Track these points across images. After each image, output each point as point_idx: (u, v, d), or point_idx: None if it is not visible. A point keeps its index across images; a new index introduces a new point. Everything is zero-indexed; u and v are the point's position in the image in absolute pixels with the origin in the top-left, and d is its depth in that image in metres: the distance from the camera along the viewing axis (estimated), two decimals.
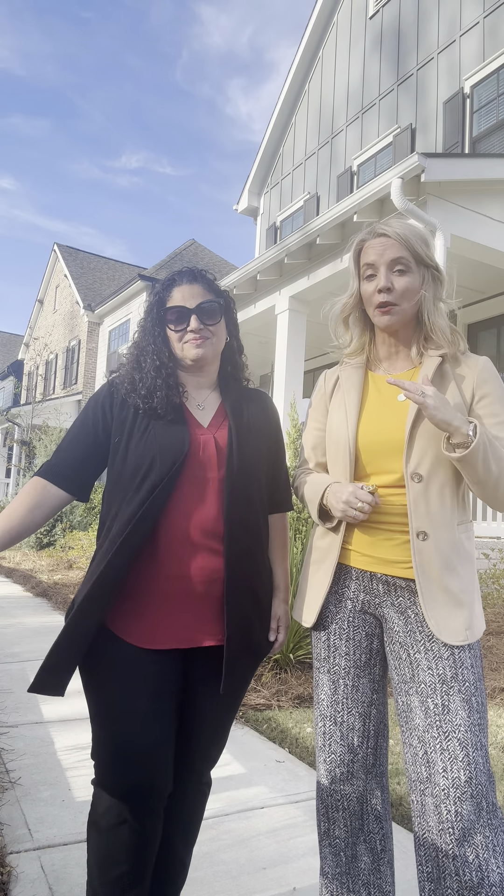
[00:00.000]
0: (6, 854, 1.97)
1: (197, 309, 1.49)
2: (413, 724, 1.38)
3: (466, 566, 1.43)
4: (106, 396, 1.52)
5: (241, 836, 2.13)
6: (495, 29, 8.84)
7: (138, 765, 1.37)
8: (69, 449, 1.50)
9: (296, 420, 5.25)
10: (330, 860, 1.52)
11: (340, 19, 11.91)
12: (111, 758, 1.38)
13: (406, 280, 1.47)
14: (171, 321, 1.51)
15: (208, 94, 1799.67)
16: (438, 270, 1.51)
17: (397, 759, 2.79)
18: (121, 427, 1.48)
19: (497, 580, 5.68)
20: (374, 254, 1.49)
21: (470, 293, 8.03)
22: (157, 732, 1.39)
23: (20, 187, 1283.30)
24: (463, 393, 1.46)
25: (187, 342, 1.50)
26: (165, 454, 1.41)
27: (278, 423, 1.66)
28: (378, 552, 1.46)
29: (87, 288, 22.70)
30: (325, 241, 6.70)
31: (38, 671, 1.37)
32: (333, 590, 1.53)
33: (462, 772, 1.30)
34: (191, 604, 1.42)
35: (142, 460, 1.42)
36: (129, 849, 1.37)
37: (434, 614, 1.38)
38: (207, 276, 1.56)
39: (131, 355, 1.56)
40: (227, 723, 1.54)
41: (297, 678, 3.77)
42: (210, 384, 1.59)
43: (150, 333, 1.54)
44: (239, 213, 14.46)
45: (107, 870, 1.38)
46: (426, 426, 1.42)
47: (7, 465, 19.02)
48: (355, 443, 1.49)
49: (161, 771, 1.40)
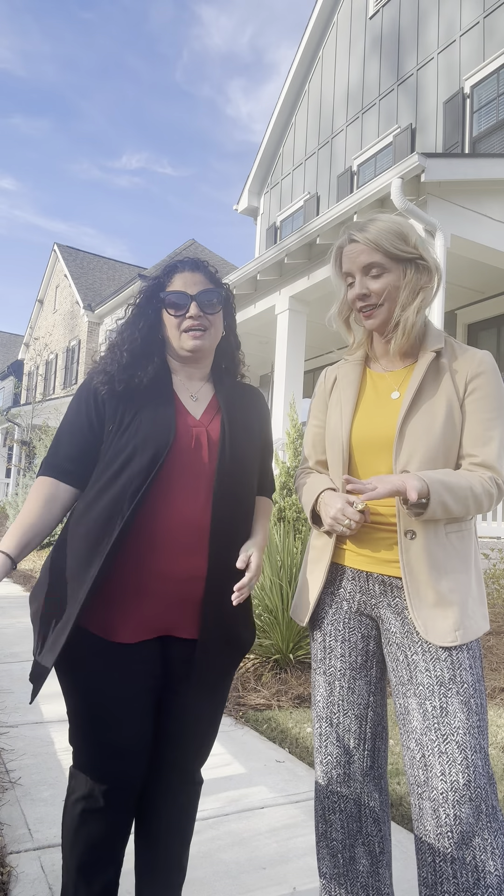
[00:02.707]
0: (6, 854, 1.97)
1: (198, 296, 1.48)
2: (411, 727, 1.36)
3: (459, 566, 1.40)
4: (98, 385, 1.48)
5: (241, 836, 2.13)
6: (495, 29, 8.84)
7: (112, 758, 1.39)
8: (69, 443, 1.46)
9: (296, 420, 5.25)
10: (328, 861, 1.51)
11: (340, 19, 11.91)
12: (86, 748, 1.41)
13: (381, 282, 1.45)
14: (170, 305, 1.48)
15: (209, 95, 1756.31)
16: (422, 258, 1.47)
17: (397, 759, 2.79)
18: (113, 414, 1.45)
19: (497, 580, 5.68)
20: (348, 261, 1.49)
21: (470, 293, 8.03)
22: (130, 726, 1.40)
23: (21, 188, 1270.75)
24: (456, 386, 1.44)
25: (185, 331, 1.48)
26: (147, 444, 1.39)
27: (269, 421, 1.65)
28: (374, 552, 1.45)
29: (87, 288, 22.70)
30: (325, 241, 6.70)
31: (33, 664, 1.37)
32: (329, 590, 1.52)
33: (461, 775, 1.29)
34: (170, 599, 1.40)
35: (123, 449, 1.40)
36: (99, 838, 1.41)
37: (421, 614, 1.36)
38: (209, 267, 1.55)
39: (121, 334, 1.53)
40: (214, 719, 1.52)
41: (297, 678, 3.77)
42: (203, 376, 1.57)
43: (143, 314, 1.51)
44: (239, 213, 14.46)
45: (77, 856, 1.42)
46: (416, 424, 1.41)
47: (7, 465, 19.02)
48: (349, 440, 1.49)
49: (135, 764, 1.41)
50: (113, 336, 1.56)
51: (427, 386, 1.45)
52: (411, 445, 1.40)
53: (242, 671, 3.81)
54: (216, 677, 1.47)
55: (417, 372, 1.46)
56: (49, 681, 3.68)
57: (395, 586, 1.43)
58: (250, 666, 3.86)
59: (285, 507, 4.71)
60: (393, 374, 1.53)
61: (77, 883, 1.43)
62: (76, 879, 1.43)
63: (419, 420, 1.41)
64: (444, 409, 1.42)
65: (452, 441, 1.42)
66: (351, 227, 1.50)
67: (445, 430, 1.41)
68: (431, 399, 1.43)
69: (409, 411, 1.42)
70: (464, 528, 1.45)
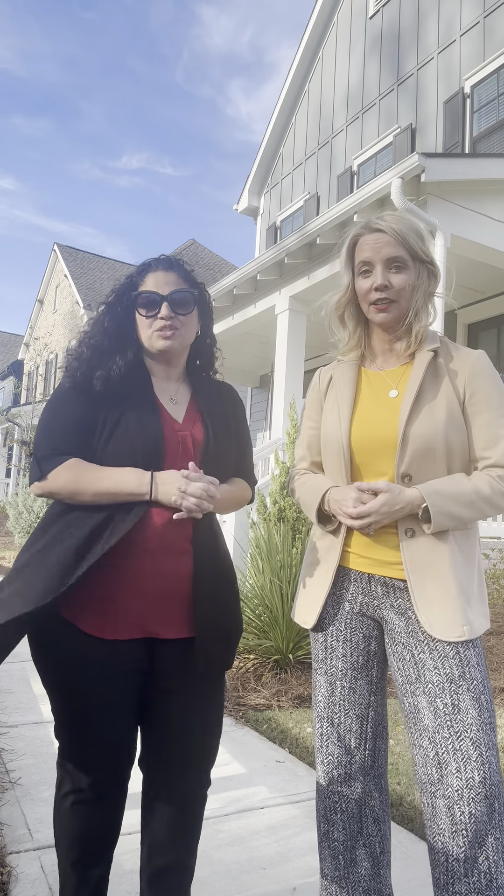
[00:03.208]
0: (6, 854, 1.97)
1: (169, 297, 1.46)
2: (422, 726, 1.35)
3: (463, 564, 1.41)
4: (64, 380, 1.47)
5: (241, 836, 2.13)
6: (495, 29, 8.84)
7: (96, 752, 1.41)
8: (67, 432, 1.42)
9: (296, 420, 5.25)
10: (329, 862, 1.51)
11: (340, 19, 11.90)
12: (70, 742, 1.43)
13: (402, 277, 1.45)
14: (141, 305, 1.47)
15: (209, 95, 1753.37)
16: (434, 265, 1.49)
17: (397, 759, 2.79)
18: (95, 415, 1.43)
19: (497, 580, 5.68)
20: (369, 250, 1.46)
21: (470, 293, 8.03)
22: (111, 722, 1.41)
23: (21, 188, 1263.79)
24: (456, 389, 1.44)
25: (156, 331, 1.47)
26: (136, 454, 1.40)
27: (244, 416, 1.67)
28: (376, 554, 1.45)
29: (88, 288, 22.69)
30: (325, 241, 6.69)
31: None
32: (332, 591, 1.52)
33: (476, 772, 1.28)
34: (155, 598, 1.40)
35: (111, 457, 1.40)
36: (89, 830, 1.43)
37: (426, 611, 1.37)
38: (185, 266, 1.53)
39: (86, 331, 1.52)
40: (216, 720, 1.52)
41: (297, 678, 3.76)
42: (179, 375, 1.57)
43: (111, 311, 1.51)
44: (239, 213, 14.45)
45: (69, 849, 1.44)
46: (419, 424, 1.40)
47: (7, 465, 19.01)
48: (348, 442, 1.48)
49: (118, 758, 1.43)
50: (85, 327, 1.55)
51: (427, 385, 1.44)
52: (415, 448, 1.40)
53: (242, 671, 3.81)
54: (213, 673, 1.48)
55: (416, 371, 1.46)
56: None
57: (398, 588, 1.43)
58: (250, 666, 3.86)
59: (285, 507, 4.71)
60: (389, 373, 1.52)
61: (73, 879, 1.44)
62: (71, 876, 1.44)
63: (422, 419, 1.41)
64: (445, 409, 1.41)
65: (454, 440, 1.42)
66: (372, 219, 1.48)
67: (448, 429, 1.40)
68: (432, 398, 1.43)
69: (413, 413, 1.42)
70: (469, 525, 1.45)
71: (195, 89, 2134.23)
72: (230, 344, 9.17)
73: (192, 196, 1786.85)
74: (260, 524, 4.69)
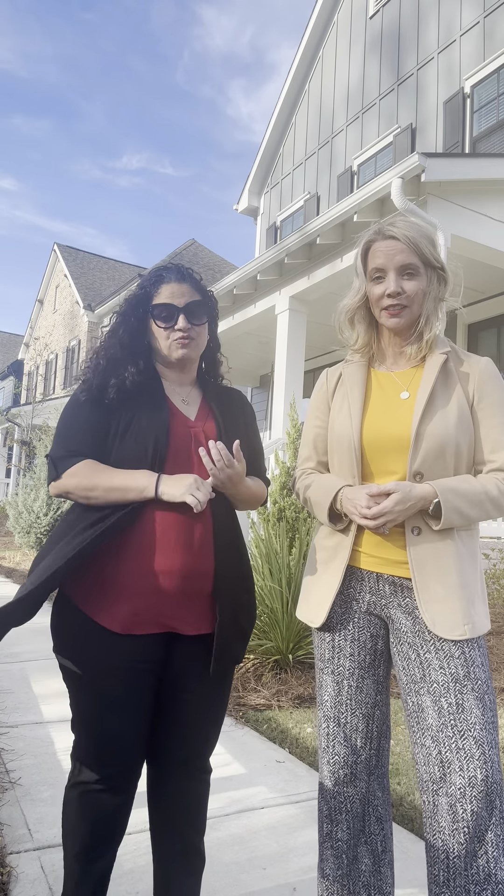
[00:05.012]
0: (6, 854, 1.97)
1: (185, 308, 1.53)
2: (426, 724, 1.37)
3: (467, 563, 1.42)
4: (79, 393, 1.53)
5: (241, 836, 2.13)
6: (495, 29, 8.84)
7: (111, 745, 1.43)
8: (81, 436, 1.48)
9: (296, 420, 5.25)
10: (331, 862, 1.51)
11: (340, 19, 11.91)
12: (86, 734, 1.45)
13: (414, 284, 1.48)
14: (158, 317, 1.53)
15: (209, 95, 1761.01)
16: (444, 270, 1.52)
17: (397, 759, 2.79)
18: (108, 422, 1.49)
19: (497, 580, 5.68)
20: (382, 257, 1.48)
21: (470, 293, 8.03)
22: (129, 715, 1.44)
23: (21, 188, 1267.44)
24: (466, 392, 1.48)
25: (174, 341, 1.53)
26: (147, 447, 1.45)
27: (254, 420, 1.72)
28: (385, 553, 1.46)
29: (88, 288, 22.71)
30: (326, 241, 6.69)
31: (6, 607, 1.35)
32: (340, 591, 1.52)
33: (479, 770, 1.30)
34: (175, 595, 1.43)
35: (124, 454, 1.45)
36: (98, 821, 1.45)
37: (429, 608, 1.38)
38: (194, 275, 1.60)
39: (103, 342, 1.58)
40: (221, 707, 1.57)
41: (297, 678, 3.76)
42: (191, 380, 1.64)
43: (125, 322, 1.56)
44: (239, 212, 14.46)
45: (77, 841, 1.46)
46: (432, 425, 1.42)
47: (7, 465, 19.01)
48: (360, 441, 1.49)
49: (131, 751, 1.45)
50: (97, 345, 1.62)
51: (438, 388, 1.47)
52: (427, 447, 1.42)
53: (242, 671, 3.81)
54: (226, 668, 1.52)
55: (429, 373, 1.48)
56: (48, 681, 3.68)
57: (405, 587, 1.44)
58: (250, 666, 3.86)
59: (285, 507, 4.71)
60: (399, 375, 1.54)
61: (77, 871, 1.46)
62: (75, 867, 1.46)
63: (435, 420, 1.43)
64: (456, 410, 1.44)
65: (463, 442, 1.44)
66: (384, 225, 1.51)
67: (458, 431, 1.43)
68: (444, 400, 1.45)
69: (426, 413, 1.44)
70: (472, 525, 1.47)
71: (195, 89, 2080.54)
72: (230, 344, 9.17)
73: (192, 196, 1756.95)
74: (260, 524, 4.69)
